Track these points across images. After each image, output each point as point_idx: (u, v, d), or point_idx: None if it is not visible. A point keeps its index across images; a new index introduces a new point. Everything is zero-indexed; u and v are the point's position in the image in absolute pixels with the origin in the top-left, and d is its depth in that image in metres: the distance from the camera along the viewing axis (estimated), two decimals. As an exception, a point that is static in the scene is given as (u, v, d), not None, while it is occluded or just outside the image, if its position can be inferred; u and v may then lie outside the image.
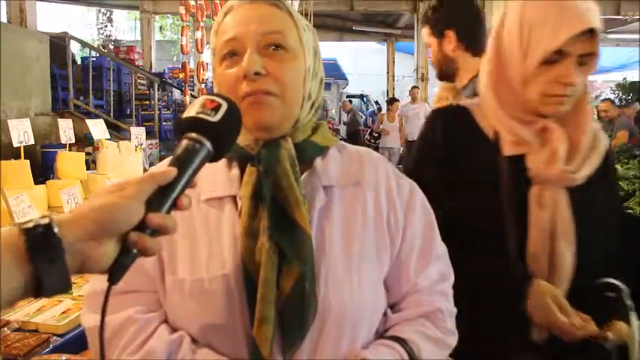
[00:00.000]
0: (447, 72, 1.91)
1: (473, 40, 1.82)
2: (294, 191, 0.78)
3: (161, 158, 5.48)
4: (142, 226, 0.58)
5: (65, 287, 0.54)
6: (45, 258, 0.52)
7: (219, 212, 0.82)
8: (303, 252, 0.76)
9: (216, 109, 0.67)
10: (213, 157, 0.67)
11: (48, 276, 0.52)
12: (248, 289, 0.75)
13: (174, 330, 0.79)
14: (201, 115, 0.66)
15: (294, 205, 0.77)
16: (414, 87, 9.46)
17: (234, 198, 0.83)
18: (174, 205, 0.61)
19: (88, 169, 2.80)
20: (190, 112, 0.68)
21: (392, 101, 9.48)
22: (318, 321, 0.76)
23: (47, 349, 1.31)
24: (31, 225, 0.53)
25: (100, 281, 0.80)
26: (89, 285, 0.85)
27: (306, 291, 0.75)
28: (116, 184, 0.60)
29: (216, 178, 0.84)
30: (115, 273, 0.57)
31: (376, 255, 0.84)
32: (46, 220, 0.54)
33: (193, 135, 0.65)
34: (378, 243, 0.85)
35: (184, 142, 0.65)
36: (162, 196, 0.60)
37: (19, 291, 0.52)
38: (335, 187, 0.85)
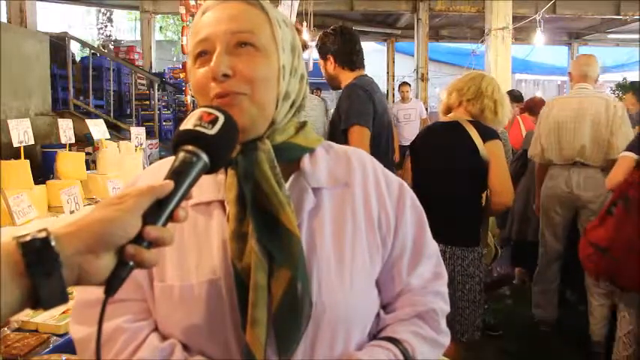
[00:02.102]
0: (333, 84, 2.67)
1: (347, 61, 2.58)
2: (276, 194, 0.76)
3: (161, 158, 5.47)
4: (138, 239, 0.58)
5: (62, 300, 0.54)
6: (42, 272, 0.52)
7: (208, 217, 0.81)
8: (292, 254, 0.75)
9: (213, 122, 0.68)
10: (210, 170, 0.67)
11: (45, 289, 0.53)
12: (239, 292, 0.74)
13: (164, 338, 0.78)
14: (198, 128, 0.67)
15: (278, 207, 0.76)
16: (403, 83, 7.99)
17: (222, 202, 0.81)
18: (171, 218, 0.62)
19: (88, 169, 2.79)
20: (187, 124, 0.68)
21: None
22: (312, 323, 0.75)
23: (47, 349, 1.31)
24: (28, 239, 0.53)
25: (86, 290, 0.79)
26: (76, 294, 0.83)
27: (299, 293, 0.73)
28: (117, 195, 0.60)
29: (203, 183, 0.81)
30: (111, 285, 0.58)
31: (368, 255, 0.83)
32: (43, 234, 0.54)
33: (190, 147, 0.66)
34: (370, 243, 0.84)
35: (181, 155, 0.66)
36: (159, 209, 0.60)
37: (16, 304, 0.52)
38: (324, 188, 0.84)
